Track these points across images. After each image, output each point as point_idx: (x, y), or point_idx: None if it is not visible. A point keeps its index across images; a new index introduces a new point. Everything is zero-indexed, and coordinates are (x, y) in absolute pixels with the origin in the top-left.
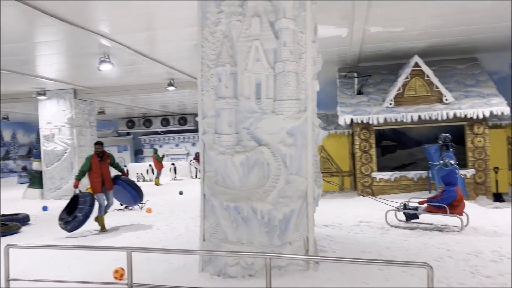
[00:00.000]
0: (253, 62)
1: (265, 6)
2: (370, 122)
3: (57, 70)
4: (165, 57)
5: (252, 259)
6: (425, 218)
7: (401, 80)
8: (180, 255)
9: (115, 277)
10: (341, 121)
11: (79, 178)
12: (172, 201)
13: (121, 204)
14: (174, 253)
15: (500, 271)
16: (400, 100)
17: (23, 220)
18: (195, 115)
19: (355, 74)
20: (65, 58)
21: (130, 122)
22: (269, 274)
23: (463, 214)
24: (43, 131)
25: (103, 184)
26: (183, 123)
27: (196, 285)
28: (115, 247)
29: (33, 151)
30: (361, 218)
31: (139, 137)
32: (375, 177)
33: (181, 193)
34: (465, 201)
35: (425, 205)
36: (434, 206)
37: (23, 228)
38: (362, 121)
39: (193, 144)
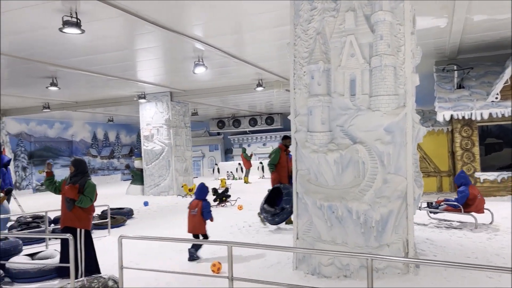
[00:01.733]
0: (347, 58)
1: (360, 1)
2: (473, 118)
3: (155, 75)
4: (254, 58)
5: (348, 260)
6: None
7: (508, 72)
8: (274, 252)
9: (213, 270)
10: (439, 118)
11: (272, 170)
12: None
13: (214, 201)
14: (272, 249)
15: None
16: (507, 93)
17: (128, 214)
18: (282, 114)
19: (455, 67)
20: (163, 63)
21: (221, 123)
22: (371, 276)
23: (483, 211)
24: (143, 132)
25: (290, 178)
26: (270, 122)
27: (291, 282)
28: (217, 241)
29: (135, 151)
30: (464, 220)
31: (229, 136)
32: (478, 178)
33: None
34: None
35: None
36: (451, 206)
37: (128, 221)
38: (463, 117)
39: None
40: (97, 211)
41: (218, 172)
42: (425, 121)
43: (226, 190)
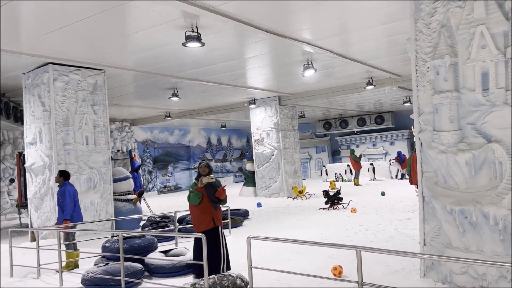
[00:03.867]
0: (478, 50)
1: None
2: None
3: (264, 81)
4: (362, 56)
5: (485, 269)
6: None
7: None
8: (396, 258)
9: (334, 274)
10: None
11: None
12: (374, 202)
13: (326, 203)
14: (403, 255)
15: None
16: None
17: (244, 215)
18: (393, 113)
19: None
20: (272, 68)
21: (327, 124)
22: None
23: None
24: (254, 136)
25: None
26: (380, 122)
27: None
28: (345, 245)
29: (246, 154)
30: None
31: (336, 138)
32: None
33: (383, 193)
34: None
35: None
36: None
37: (245, 222)
38: None
39: (391, 143)
40: None
41: (326, 174)
42: None
43: (338, 192)
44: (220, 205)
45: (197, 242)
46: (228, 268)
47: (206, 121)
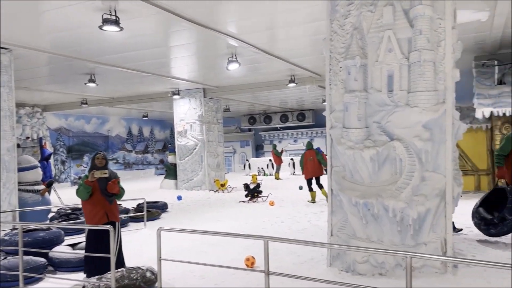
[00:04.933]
0: (385, 53)
1: None
2: None
3: (189, 71)
4: (287, 53)
5: (383, 258)
6: None
7: None
8: (307, 249)
9: (247, 265)
10: (478, 114)
11: (499, 163)
12: (292, 195)
13: (246, 196)
14: (310, 245)
15: None
16: None
17: (163, 207)
18: (314, 111)
19: (495, 62)
20: (197, 59)
21: (252, 119)
22: (410, 274)
23: None
24: (177, 128)
25: None
26: (302, 119)
27: (325, 279)
28: (253, 235)
29: (168, 146)
30: None
31: (260, 133)
32: None
33: (300, 187)
34: None
35: None
36: None
37: (163, 215)
38: (504, 114)
39: (311, 140)
40: (133, 204)
41: (249, 168)
42: (463, 118)
43: (258, 185)
44: (117, 200)
45: (90, 238)
46: (123, 265)
47: (127, 110)
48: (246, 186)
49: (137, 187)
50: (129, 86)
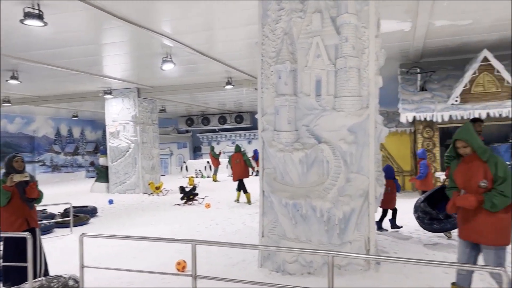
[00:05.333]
0: (314, 59)
1: (326, 2)
2: (434, 119)
3: (122, 70)
4: (223, 55)
5: (311, 257)
6: None
7: (468, 76)
8: (239, 250)
9: (178, 269)
10: (402, 119)
11: (448, 163)
12: (229, 197)
13: (182, 199)
14: (237, 247)
15: None
16: (466, 96)
17: (92, 212)
18: (251, 113)
19: (418, 70)
20: (130, 58)
21: (189, 120)
22: (332, 273)
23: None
24: (109, 128)
25: None
26: (240, 121)
27: (256, 280)
28: (180, 239)
29: (100, 147)
30: None
31: (198, 134)
32: (438, 177)
33: (238, 189)
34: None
35: None
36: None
37: (92, 220)
38: (425, 119)
39: (249, 142)
40: (59, 209)
41: (187, 170)
42: (389, 122)
43: (194, 188)
44: (36, 204)
45: (8, 246)
46: (47, 273)
47: (55, 109)
48: (182, 189)
49: (66, 191)
50: (57, 84)
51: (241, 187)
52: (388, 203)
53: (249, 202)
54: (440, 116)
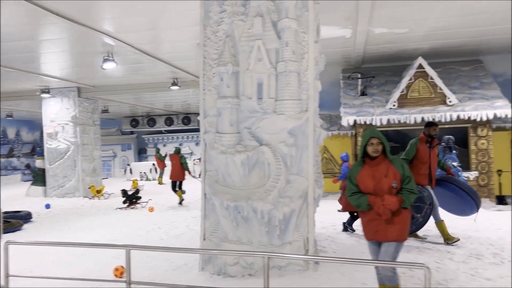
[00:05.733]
0: (255, 62)
1: (267, 6)
2: (373, 123)
3: (61, 68)
4: (169, 56)
5: (252, 259)
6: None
7: (404, 82)
8: (181, 254)
9: (115, 275)
10: (344, 122)
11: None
12: (174, 200)
13: (124, 202)
14: (172, 251)
15: (500, 274)
16: (403, 101)
17: (26, 217)
18: (199, 114)
19: (359, 75)
20: (70, 56)
21: (134, 121)
22: (267, 274)
23: None
24: (47, 129)
25: (430, 178)
26: (187, 122)
27: (196, 284)
28: (114, 245)
29: (37, 149)
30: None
31: (143, 136)
32: None
33: (183, 192)
34: None
35: None
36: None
37: (25, 226)
38: (365, 122)
39: (197, 144)
40: None
41: (131, 172)
42: (332, 125)
43: (137, 191)
44: None
45: None
46: None
47: None
48: (124, 192)
49: None
50: None
51: (174, 188)
52: (351, 206)
53: (180, 202)
54: (379, 119)
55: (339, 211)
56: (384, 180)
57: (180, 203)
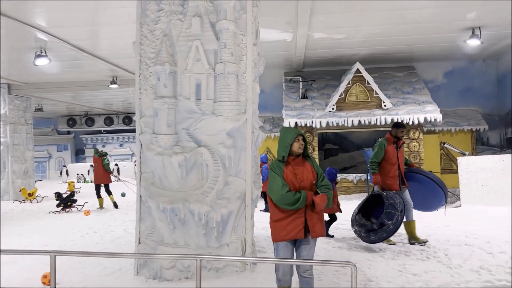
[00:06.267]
0: (193, 62)
1: (206, 7)
2: (313, 125)
3: None
4: (107, 53)
5: (189, 262)
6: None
7: (343, 86)
8: (116, 259)
9: (43, 282)
10: (285, 124)
11: (375, 169)
12: (110, 204)
13: (58, 206)
14: (102, 256)
15: (426, 269)
16: (342, 105)
17: None
18: None
19: (300, 79)
20: None
21: (71, 120)
22: (199, 276)
23: None
24: None
25: (401, 179)
26: (128, 122)
27: None
28: (38, 251)
29: None
30: None
31: (81, 136)
32: None
33: (123, 194)
34: None
35: None
36: None
37: None
38: (306, 125)
39: None
40: None
41: (67, 174)
42: (275, 127)
43: (72, 194)
44: None
45: None
46: None
47: None
48: (58, 195)
49: None
50: None
51: (98, 192)
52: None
53: (101, 207)
54: (319, 122)
55: (261, 211)
56: (308, 177)
57: (115, 206)
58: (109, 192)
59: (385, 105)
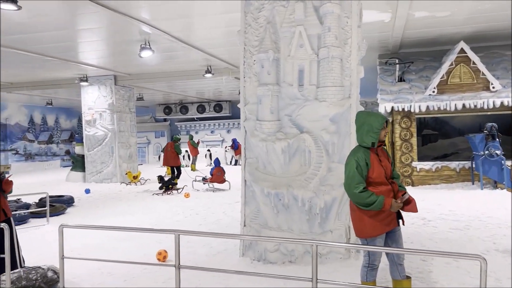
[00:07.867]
0: (296, 48)
1: None
2: (412, 110)
3: (98, 57)
4: (203, 43)
5: (293, 246)
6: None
7: (445, 67)
8: (220, 240)
9: (158, 259)
10: (381, 109)
11: None
12: (206, 187)
13: (160, 188)
14: (220, 237)
15: None
16: (443, 87)
17: (68, 202)
18: (231, 102)
19: (396, 61)
20: (107, 45)
21: (167, 109)
22: (316, 261)
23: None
24: (85, 116)
25: None
26: (219, 110)
27: (238, 269)
28: (163, 230)
29: (75, 136)
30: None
31: (176, 123)
32: (415, 167)
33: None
34: None
35: None
36: None
37: (68, 210)
38: (403, 109)
39: (228, 131)
40: (35, 198)
41: None
42: None
43: (172, 177)
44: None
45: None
46: (23, 263)
47: (28, 96)
48: (160, 178)
49: (41, 180)
50: (30, 71)
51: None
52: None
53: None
54: (417, 106)
55: None
56: (387, 166)
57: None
58: (179, 174)
59: (493, 87)
